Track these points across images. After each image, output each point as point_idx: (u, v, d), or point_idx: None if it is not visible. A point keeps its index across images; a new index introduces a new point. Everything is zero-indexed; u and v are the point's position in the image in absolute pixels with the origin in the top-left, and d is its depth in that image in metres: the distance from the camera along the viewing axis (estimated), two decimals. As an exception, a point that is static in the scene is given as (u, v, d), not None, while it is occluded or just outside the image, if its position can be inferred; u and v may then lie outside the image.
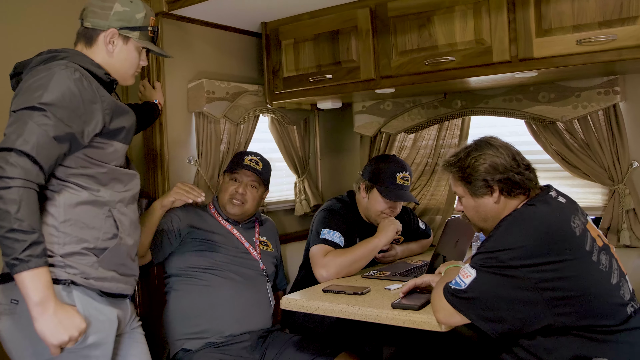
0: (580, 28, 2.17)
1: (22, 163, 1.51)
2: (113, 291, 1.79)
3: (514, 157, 1.84)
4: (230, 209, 2.59)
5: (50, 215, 1.67)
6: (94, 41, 1.83)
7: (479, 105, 3.01)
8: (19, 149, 1.52)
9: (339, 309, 2.03)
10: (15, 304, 1.64)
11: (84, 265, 1.71)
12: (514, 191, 1.82)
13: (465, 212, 1.95)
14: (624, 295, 1.69)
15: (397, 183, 2.69)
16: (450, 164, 1.93)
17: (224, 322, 2.42)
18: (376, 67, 2.70)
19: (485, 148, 1.86)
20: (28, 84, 1.64)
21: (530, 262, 1.61)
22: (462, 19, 2.44)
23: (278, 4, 2.77)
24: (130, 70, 1.91)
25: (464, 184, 1.89)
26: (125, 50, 1.87)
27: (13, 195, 1.49)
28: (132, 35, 1.86)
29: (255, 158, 2.66)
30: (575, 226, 1.69)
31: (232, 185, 2.60)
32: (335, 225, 2.62)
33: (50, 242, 1.65)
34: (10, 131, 1.55)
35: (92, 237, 1.73)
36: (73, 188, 1.71)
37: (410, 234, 2.99)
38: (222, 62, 3.04)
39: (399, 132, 3.31)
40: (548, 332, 1.63)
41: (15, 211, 1.48)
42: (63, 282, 1.67)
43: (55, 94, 1.61)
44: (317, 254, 2.53)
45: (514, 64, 2.35)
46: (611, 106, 2.62)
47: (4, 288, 1.69)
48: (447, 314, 1.72)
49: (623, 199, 2.64)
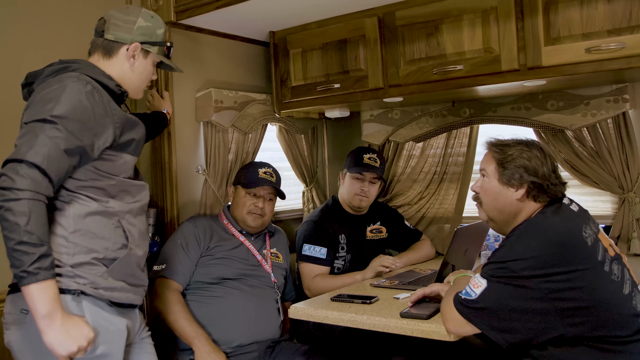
0: (589, 36, 2.17)
1: (32, 175, 1.51)
2: (122, 301, 1.79)
3: (555, 170, 1.83)
4: (252, 222, 2.60)
5: (59, 226, 1.67)
6: (114, 53, 1.86)
7: (488, 113, 3.00)
8: (29, 160, 1.52)
9: (347, 318, 2.02)
10: (25, 314, 1.64)
11: (93, 275, 1.70)
12: (539, 198, 1.81)
13: (482, 195, 1.91)
14: (636, 306, 1.68)
15: (364, 163, 2.89)
16: (494, 144, 1.91)
17: (232, 333, 2.42)
18: (384, 76, 2.70)
19: (536, 150, 1.84)
20: (40, 96, 1.64)
21: (541, 273, 1.60)
22: (471, 28, 2.43)
23: (286, 13, 2.78)
24: (144, 83, 1.96)
25: (497, 166, 1.86)
26: (144, 64, 1.91)
27: (23, 207, 1.49)
28: (152, 50, 1.91)
29: (269, 170, 2.67)
30: (587, 236, 1.68)
31: (250, 200, 2.60)
32: (315, 238, 2.80)
33: (60, 253, 1.65)
34: (21, 143, 1.56)
35: (101, 248, 1.73)
36: (83, 199, 1.71)
37: (399, 233, 3.10)
38: (230, 72, 3.05)
39: (407, 141, 3.30)
40: (559, 343, 1.62)
41: (24, 223, 1.48)
42: (73, 292, 1.67)
43: (67, 106, 1.61)
44: (304, 274, 2.79)
45: (522, 72, 2.34)
46: (620, 114, 2.61)
47: (13, 298, 1.69)
48: (457, 324, 1.71)
49: (633, 208, 2.62)
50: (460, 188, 3.19)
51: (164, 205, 2.70)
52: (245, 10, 2.59)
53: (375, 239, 3.02)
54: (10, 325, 1.69)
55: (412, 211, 3.31)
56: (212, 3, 2.55)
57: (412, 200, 3.33)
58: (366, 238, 2.99)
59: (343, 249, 2.88)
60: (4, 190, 1.49)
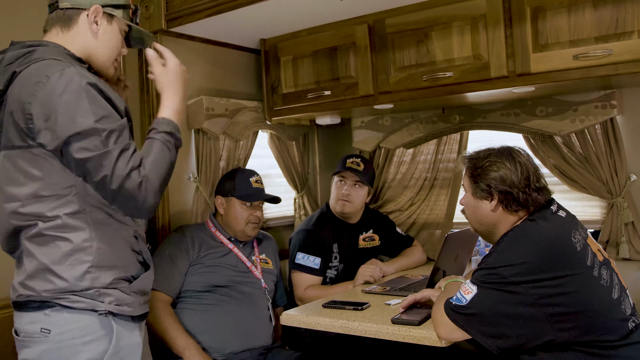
0: (577, 43, 2.19)
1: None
2: (139, 313, 1.71)
3: (528, 177, 1.81)
4: (251, 232, 2.62)
5: (87, 248, 1.59)
6: (74, 22, 1.67)
7: (477, 119, 3.02)
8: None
9: (339, 324, 2.02)
10: (47, 333, 1.56)
11: (119, 292, 1.63)
12: (512, 206, 1.82)
13: (465, 209, 1.96)
14: (625, 310, 1.69)
15: (347, 166, 2.89)
16: (467, 158, 1.95)
17: (224, 340, 2.42)
18: (375, 83, 2.72)
19: (505, 158, 1.84)
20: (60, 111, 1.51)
21: (531, 278, 1.61)
22: (460, 35, 2.46)
23: (277, 20, 2.79)
24: (113, 55, 1.74)
25: (470, 181, 1.90)
26: (110, 31, 1.71)
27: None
28: (117, 13, 1.71)
29: (258, 178, 2.70)
30: (576, 241, 1.70)
31: (248, 211, 2.61)
32: (309, 247, 2.79)
33: (84, 275, 1.58)
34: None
35: (123, 264, 1.67)
36: (103, 215, 1.63)
37: (391, 240, 3.10)
38: (221, 79, 3.05)
39: (398, 147, 3.32)
40: (549, 348, 1.63)
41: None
42: (101, 313, 1.59)
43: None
44: (297, 283, 2.78)
45: (511, 79, 2.36)
46: (608, 120, 2.64)
47: (29, 316, 1.59)
48: (448, 330, 1.72)
49: (622, 212, 2.64)
50: (450, 194, 3.21)
51: (156, 213, 2.69)
52: (236, 18, 2.60)
53: (368, 247, 3.02)
54: (31, 344, 1.59)
55: (403, 217, 3.32)
56: (203, 11, 2.56)
57: (403, 206, 3.34)
58: (359, 247, 2.99)
59: (336, 258, 2.88)
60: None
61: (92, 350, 1.57)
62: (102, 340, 1.59)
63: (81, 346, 1.56)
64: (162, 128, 1.62)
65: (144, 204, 1.52)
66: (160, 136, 1.61)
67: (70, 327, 1.56)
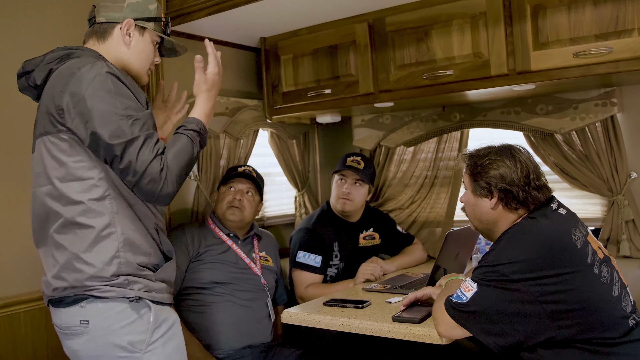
0: (577, 41, 2.19)
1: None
2: (166, 301, 1.77)
3: (528, 175, 1.82)
4: (230, 216, 2.61)
5: (111, 234, 1.66)
6: (109, 35, 1.80)
7: (478, 118, 3.02)
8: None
9: (339, 322, 2.03)
10: (86, 324, 1.65)
11: (146, 280, 1.70)
12: (511, 204, 1.82)
13: (465, 207, 1.97)
14: (626, 308, 1.69)
15: (347, 165, 2.89)
16: (468, 156, 1.95)
17: (225, 338, 2.42)
18: (375, 81, 2.72)
19: (505, 156, 1.85)
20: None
21: (531, 276, 1.61)
22: (460, 33, 2.46)
23: (277, 19, 2.80)
24: (146, 65, 1.88)
25: (470, 179, 1.91)
26: (142, 42, 1.84)
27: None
28: (148, 25, 1.84)
29: (248, 168, 2.72)
30: (577, 239, 1.70)
31: (229, 194, 2.63)
32: (310, 246, 2.78)
33: (115, 261, 1.65)
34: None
35: (147, 251, 1.73)
36: (125, 204, 1.70)
37: (392, 238, 3.10)
38: (221, 78, 3.04)
39: (398, 146, 3.32)
40: (550, 345, 1.63)
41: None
42: (132, 299, 1.66)
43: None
44: (297, 282, 2.77)
45: (511, 77, 2.36)
46: (609, 117, 2.64)
47: (67, 312, 1.67)
48: (449, 328, 1.72)
49: (622, 210, 2.64)
50: (451, 192, 3.21)
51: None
52: (236, 16, 2.61)
53: (369, 245, 3.02)
54: (73, 336, 1.68)
55: (404, 215, 3.32)
56: (203, 10, 2.56)
57: (403, 205, 3.34)
58: (359, 245, 2.99)
59: (337, 256, 2.88)
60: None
61: (133, 331, 1.65)
62: (140, 320, 1.67)
63: (120, 329, 1.64)
64: (191, 126, 1.75)
65: (163, 191, 1.60)
66: (187, 132, 1.73)
67: (106, 314, 1.64)
